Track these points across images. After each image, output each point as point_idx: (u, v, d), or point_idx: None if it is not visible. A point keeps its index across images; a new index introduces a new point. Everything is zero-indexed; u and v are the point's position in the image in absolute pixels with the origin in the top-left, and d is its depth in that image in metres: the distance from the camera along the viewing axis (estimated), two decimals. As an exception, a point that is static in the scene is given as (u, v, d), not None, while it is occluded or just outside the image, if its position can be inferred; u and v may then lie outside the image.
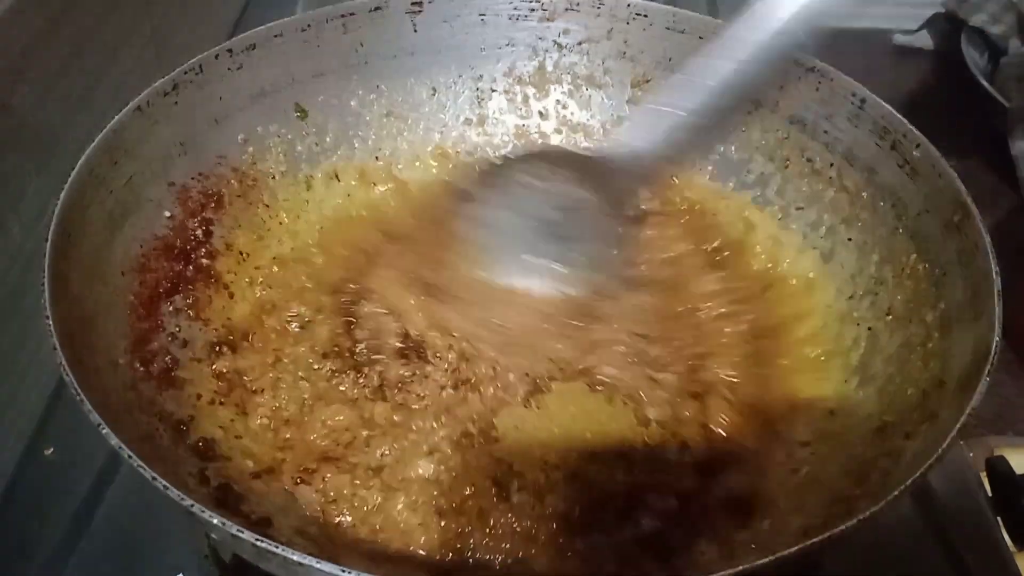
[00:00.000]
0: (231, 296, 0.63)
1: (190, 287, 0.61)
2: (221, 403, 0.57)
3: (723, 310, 0.66)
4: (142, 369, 0.54)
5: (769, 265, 0.68)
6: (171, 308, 0.59)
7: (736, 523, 0.52)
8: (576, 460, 0.55)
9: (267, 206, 0.67)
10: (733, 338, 0.64)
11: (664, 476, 0.55)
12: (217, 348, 0.60)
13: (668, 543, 0.52)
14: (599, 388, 0.59)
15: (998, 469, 0.61)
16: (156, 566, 0.57)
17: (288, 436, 0.56)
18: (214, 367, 0.58)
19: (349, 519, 0.52)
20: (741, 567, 0.37)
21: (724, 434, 0.58)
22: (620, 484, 0.54)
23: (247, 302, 0.63)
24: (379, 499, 0.53)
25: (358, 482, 0.53)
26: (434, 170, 0.74)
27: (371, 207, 0.71)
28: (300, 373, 0.59)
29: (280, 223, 0.68)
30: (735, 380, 0.60)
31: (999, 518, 0.60)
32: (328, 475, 0.53)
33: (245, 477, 0.53)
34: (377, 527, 0.52)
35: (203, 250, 0.63)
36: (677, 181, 0.72)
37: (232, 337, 0.61)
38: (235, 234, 0.65)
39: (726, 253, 0.68)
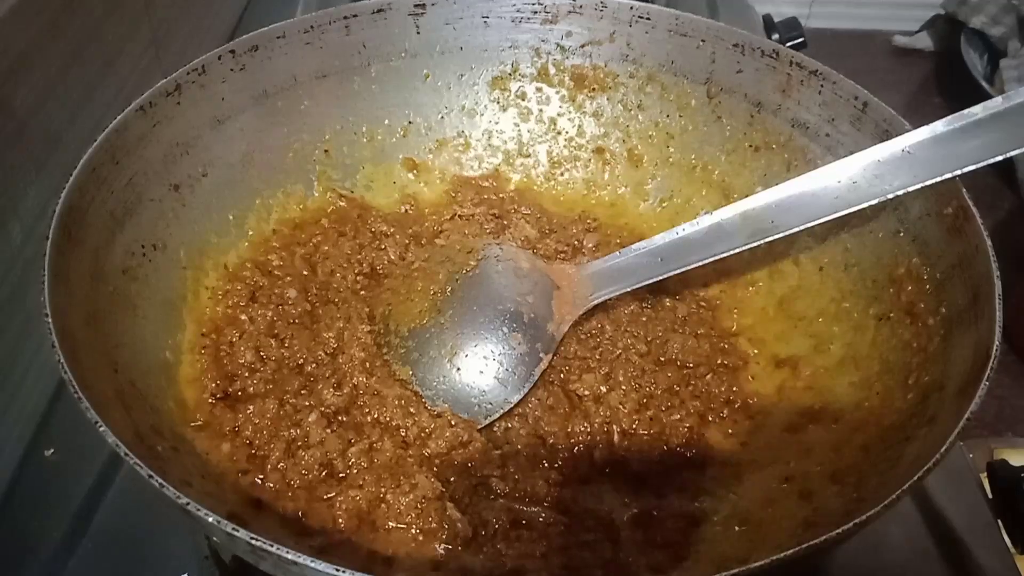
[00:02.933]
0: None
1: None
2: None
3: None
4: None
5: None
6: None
7: (737, 524, 0.52)
8: None
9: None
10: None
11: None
12: None
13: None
14: None
15: (999, 471, 0.61)
16: (156, 567, 0.57)
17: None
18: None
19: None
20: (741, 568, 0.37)
21: (722, 439, 0.58)
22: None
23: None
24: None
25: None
26: (430, 176, 0.74)
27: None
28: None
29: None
30: (734, 388, 0.60)
31: (999, 520, 0.60)
32: None
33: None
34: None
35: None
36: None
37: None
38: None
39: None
